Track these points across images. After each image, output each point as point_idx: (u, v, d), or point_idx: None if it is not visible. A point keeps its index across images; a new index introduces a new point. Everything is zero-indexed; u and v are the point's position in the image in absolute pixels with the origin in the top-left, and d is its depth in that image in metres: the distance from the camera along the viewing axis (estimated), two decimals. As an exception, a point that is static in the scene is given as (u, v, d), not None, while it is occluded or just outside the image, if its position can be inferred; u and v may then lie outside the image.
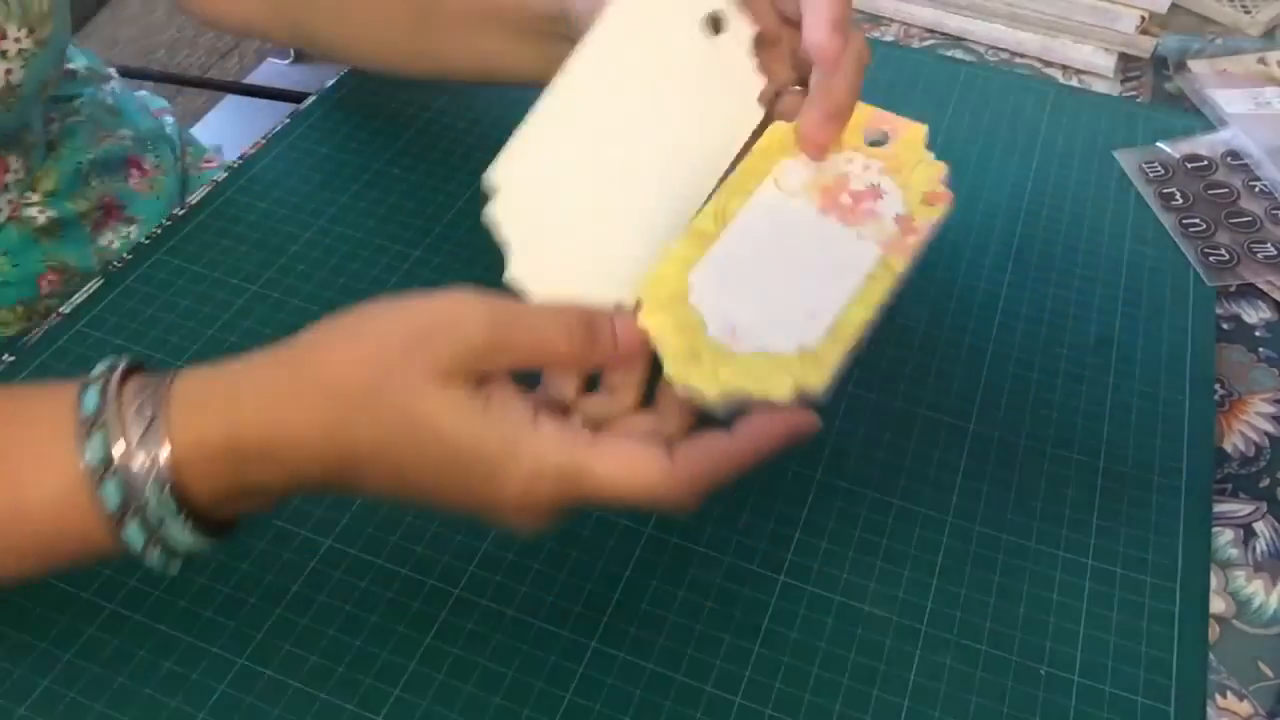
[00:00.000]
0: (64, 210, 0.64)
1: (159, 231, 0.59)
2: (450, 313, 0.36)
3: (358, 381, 0.35)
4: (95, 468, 0.35)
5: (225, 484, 0.36)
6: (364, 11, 0.58)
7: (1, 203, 0.59)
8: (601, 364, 0.38)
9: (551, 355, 0.36)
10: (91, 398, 0.36)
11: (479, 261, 0.58)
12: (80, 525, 0.36)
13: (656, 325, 0.37)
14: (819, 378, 0.37)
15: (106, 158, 0.67)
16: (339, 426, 0.35)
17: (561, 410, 0.38)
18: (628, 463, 0.35)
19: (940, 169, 0.42)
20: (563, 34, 0.50)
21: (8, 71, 0.53)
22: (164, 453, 0.35)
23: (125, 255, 0.57)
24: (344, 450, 0.36)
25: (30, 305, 0.62)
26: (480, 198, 0.40)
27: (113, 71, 0.74)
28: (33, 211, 0.62)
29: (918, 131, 0.43)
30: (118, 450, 0.35)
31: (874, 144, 0.42)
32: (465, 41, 0.56)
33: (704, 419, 0.38)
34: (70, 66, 0.69)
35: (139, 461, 0.35)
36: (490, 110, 0.68)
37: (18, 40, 0.53)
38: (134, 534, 0.35)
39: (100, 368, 0.37)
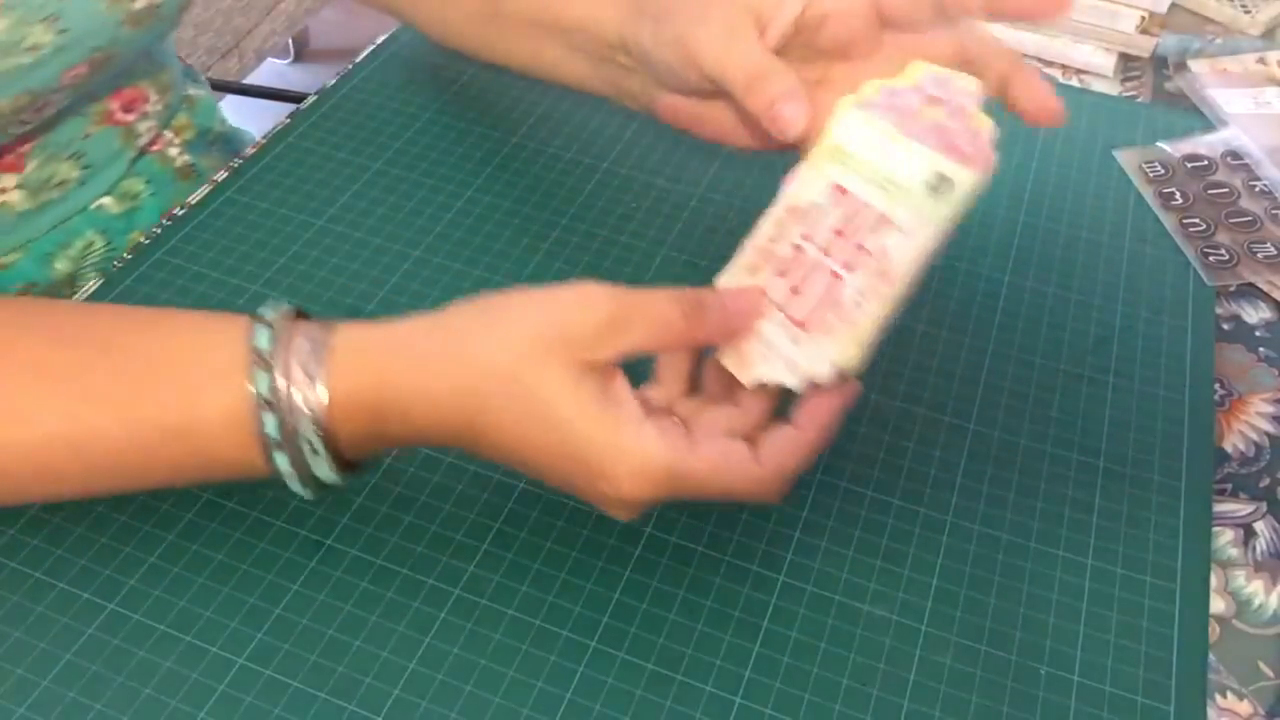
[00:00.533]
0: (198, 162, 0.69)
1: (159, 231, 0.59)
2: (579, 298, 0.40)
3: (498, 363, 0.39)
4: (261, 398, 0.40)
5: (365, 432, 0.41)
6: (434, 5, 0.62)
7: (141, 128, 0.64)
8: (712, 336, 0.41)
9: (668, 329, 0.40)
10: (263, 336, 0.40)
11: (479, 261, 0.58)
12: (239, 445, 0.40)
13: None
14: (854, 355, 0.40)
15: (227, 135, 0.73)
16: (475, 400, 0.39)
17: (663, 411, 0.42)
18: (723, 464, 0.39)
19: (987, 125, 0.43)
20: (620, 61, 0.53)
21: None
22: (321, 399, 0.40)
23: (125, 255, 0.57)
24: (475, 422, 0.40)
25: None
26: (478, 196, 0.40)
27: None
28: (172, 151, 0.67)
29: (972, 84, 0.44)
30: (281, 388, 0.40)
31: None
32: (529, 45, 0.58)
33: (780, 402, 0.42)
34: None
35: (298, 403, 0.40)
36: (491, 110, 0.68)
37: None
38: (283, 462, 0.40)
39: (269, 310, 0.41)
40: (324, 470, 0.41)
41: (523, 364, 0.39)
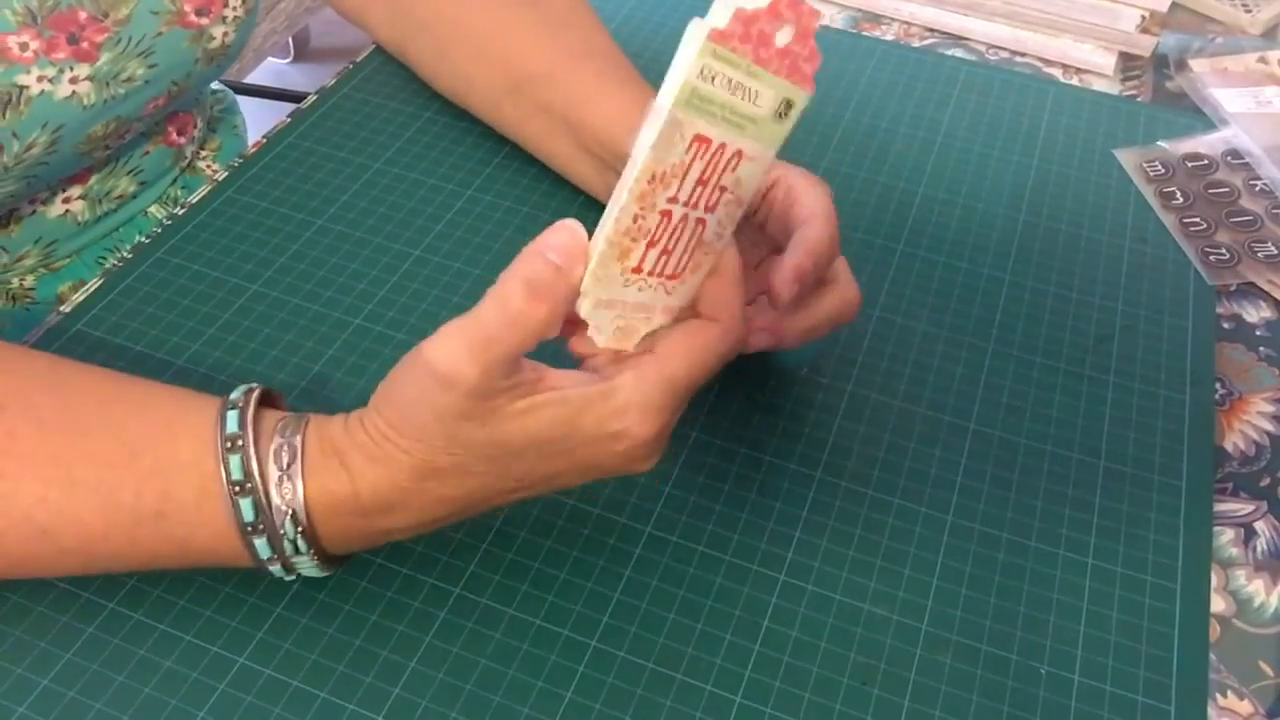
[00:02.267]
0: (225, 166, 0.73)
1: (159, 231, 0.59)
2: (429, 375, 0.37)
3: (438, 434, 0.38)
4: (235, 482, 0.39)
5: (357, 531, 0.40)
6: (459, 69, 0.64)
7: (187, 151, 0.70)
8: (561, 285, 0.38)
9: (509, 307, 0.37)
10: (232, 420, 0.40)
11: (479, 261, 0.58)
12: (214, 532, 0.39)
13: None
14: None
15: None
16: (447, 467, 0.38)
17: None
18: (693, 341, 0.40)
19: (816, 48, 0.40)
20: (618, 171, 0.52)
21: (225, 35, 0.62)
22: (299, 497, 0.39)
23: (125, 254, 0.57)
24: (462, 481, 0.39)
25: None
26: (477, 195, 0.40)
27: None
28: (201, 164, 0.73)
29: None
30: (255, 476, 0.39)
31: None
32: (539, 132, 0.60)
33: None
34: None
35: (275, 499, 0.39)
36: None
37: (234, 8, 0.62)
38: (263, 547, 0.40)
39: (237, 394, 0.41)
40: (308, 567, 0.41)
41: (452, 429, 0.38)
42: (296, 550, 0.40)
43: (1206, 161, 0.68)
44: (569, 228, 0.37)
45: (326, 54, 2.15)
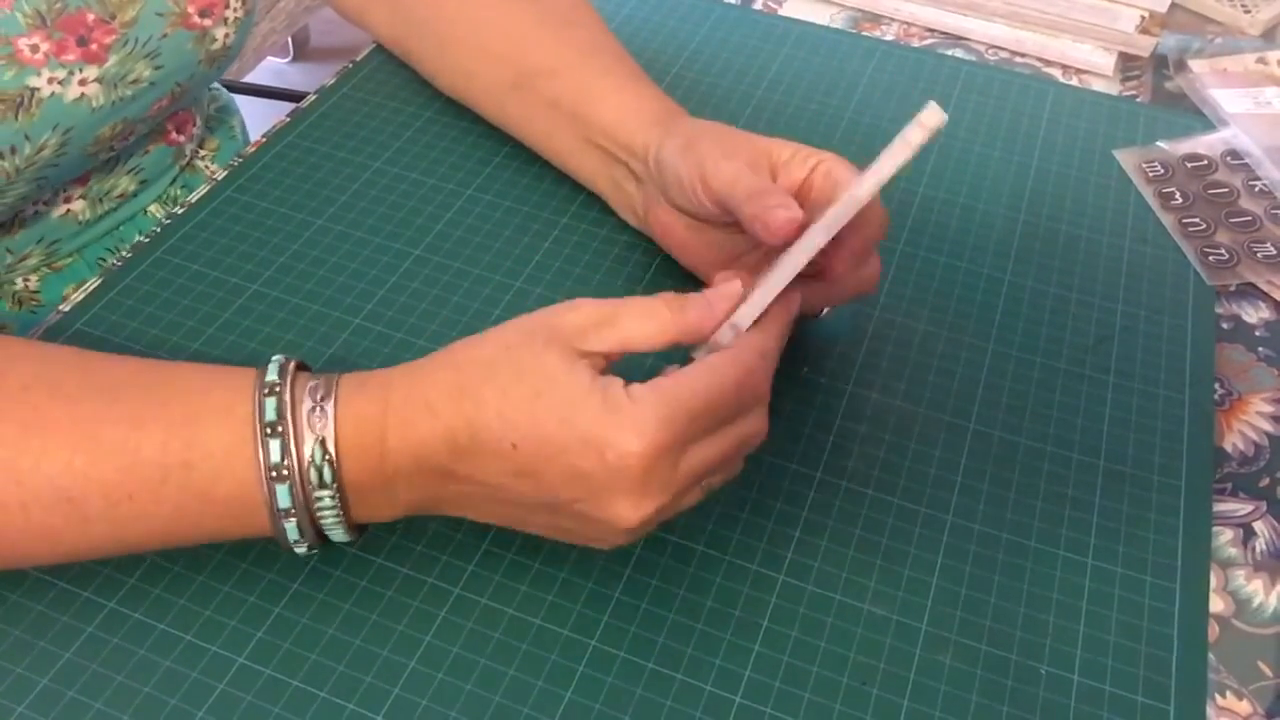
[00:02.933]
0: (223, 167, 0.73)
1: (158, 230, 0.59)
2: (566, 304, 0.41)
3: (486, 353, 0.41)
4: (266, 424, 0.40)
5: (372, 469, 0.40)
6: (461, 65, 0.64)
7: (186, 150, 0.71)
8: (700, 326, 0.42)
9: (653, 318, 0.41)
10: (273, 369, 0.41)
11: (479, 260, 0.58)
12: (240, 481, 0.40)
13: None
14: None
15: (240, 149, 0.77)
16: (468, 388, 0.40)
17: None
18: (711, 372, 0.40)
19: None
20: (631, 166, 0.56)
21: (226, 36, 0.63)
22: (330, 423, 0.40)
23: (125, 254, 0.57)
24: (470, 414, 0.39)
25: None
26: (477, 195, 0.40)
27: None
28: (200, 164, 0.73)
29: None
30: (288, 418, 0.40)
31: None
32: (544, 125, 0.61)
33: None
34: None
35: (306, 433, 0.40)
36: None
37: (234, 9, 0.62)
38: (283, 495, 0.40)
39: (273, 374, 0.41)
40: (328, 505, 0.40)
41: (517, 350, 0.40)
42: (321, 482, 0.40)
43: (1206, 162, 0.68)
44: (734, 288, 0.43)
45: (326, 53, 2.15)
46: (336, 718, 0.41)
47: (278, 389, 0.40)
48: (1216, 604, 0.46)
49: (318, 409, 0.40)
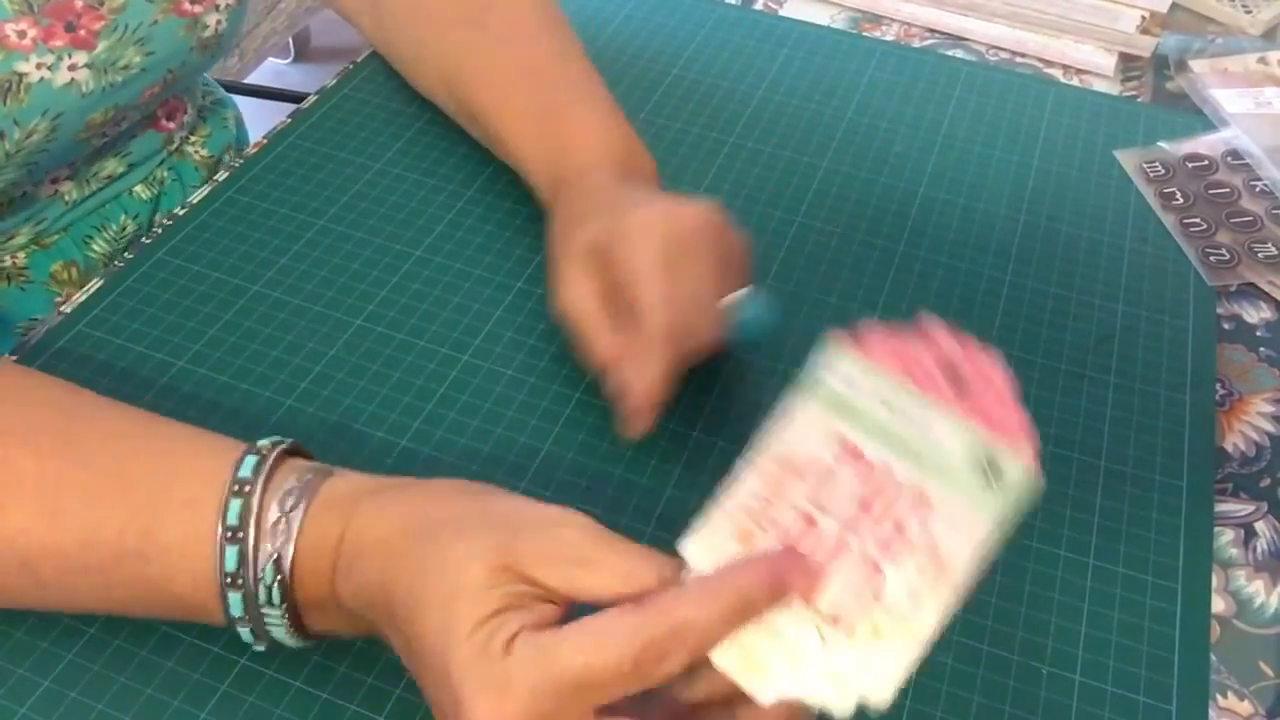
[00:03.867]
0: (213, 154, 0.74)
1: (159, 231, 0.59)
2: (558, 512, 0.36)
3: (441, 514, 0.37)
4: (228, 529, 0.38)
5: (324, 593, 0.38)
6: (427, 88, 0.67)
7: (176, 138, 0.71)
8: (706, 621, 0.33)
9: (630, 584, 0.34)
10: (249, 465, 0.39)
11: (480, 261, 0.58)
12: (192, 583, 0.38)
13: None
14: (908, 672, 0.33)
15: (234, 141, 0.78)
16: (401, 552, 0.36)
17: None
18: (601, 637, 0.32)
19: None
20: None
21: (218, 23, 0.63)
22: (291, 541, 0.37)
23: (125, 255, 0.57)
24: (390, 581, 0.35)
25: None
26: (478, 196, 0.40)
27: None
28: (191, 149, 0.73)
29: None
30: (251, 524, 0.38)
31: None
32: (488, 107, 0.60)
33: None
34: None
35: (266, 546, 0.38)
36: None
37: None
38: (236, 603, 0.38)
39: (265, 442, 0.40)
40: (275, 621, 0.38)
41: (464, 536, 0.35)
42: (270, 601, 0.38)
43: (1206, 162, 0.68)
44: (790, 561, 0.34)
45: (326, 54, 2.15)
46: (338, 719, 0.41)
47: (247, 490, 0.38)
48: (1218, 604, 0.46)
49: (283, 520, 0.38)
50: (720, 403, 0.52)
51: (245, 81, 1.69)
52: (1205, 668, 0.44)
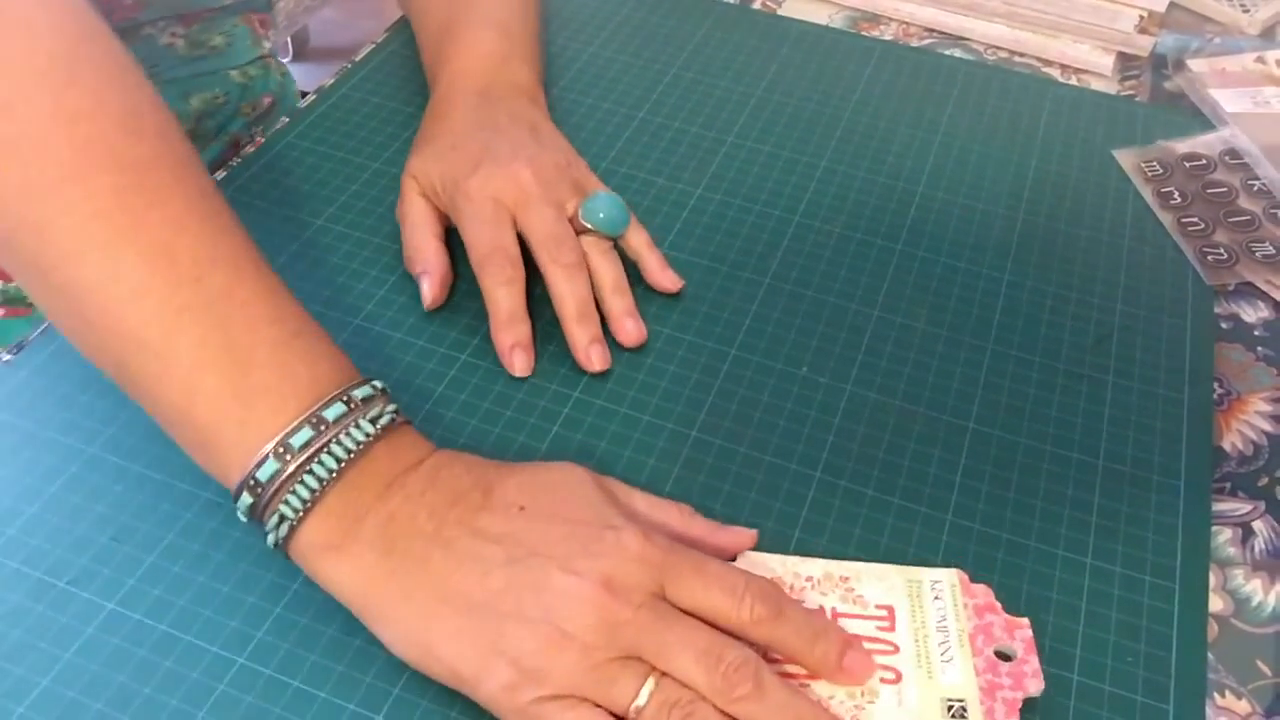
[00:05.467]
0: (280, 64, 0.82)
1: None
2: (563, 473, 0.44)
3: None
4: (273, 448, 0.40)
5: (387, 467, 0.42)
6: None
7: (264, 44, 0.77)
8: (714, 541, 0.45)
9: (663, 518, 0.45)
10: (334, 410, 0.41)
11: (478, 261, 0.58)
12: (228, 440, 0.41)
13: None
14: None
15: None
16: (497, 470, 0.43)
17: None
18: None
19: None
20: None
21: None
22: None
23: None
24: (498, 473, 0.43)
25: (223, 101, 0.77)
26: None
27: None
28: (274, 68, 0.79)
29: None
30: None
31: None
32: (414, 22, 0.70)
33: None
34: None
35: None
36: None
37: None
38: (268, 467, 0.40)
39: (360, 393, 0.43)
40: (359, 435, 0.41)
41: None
42: (372, 420, 0.41)
43: (1205, 161, 0.68)
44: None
45: (325, 54, 2.15)
46: (337, 719, 0.41)
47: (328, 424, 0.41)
48: (1215, 603, 0.46)
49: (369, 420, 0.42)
50: (719, 402, 0.52)
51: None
52: (1203, 667, 0.44)
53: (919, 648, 0.41)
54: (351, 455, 0.41)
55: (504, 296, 0.52)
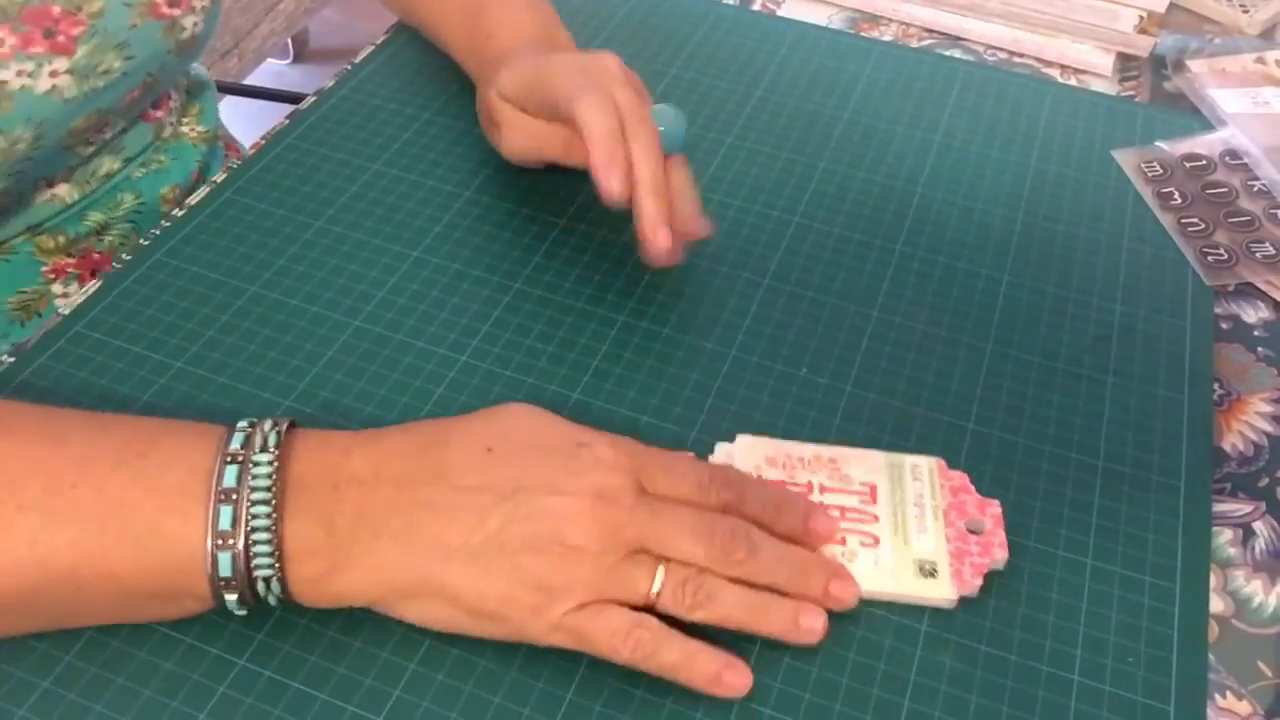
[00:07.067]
0: (210, 131, 0.74)
1: (157, 232, 0.59)
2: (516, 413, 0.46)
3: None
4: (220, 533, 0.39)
5: (321, 471, 0.41)
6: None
7: (165, 124, 0.70)
8: None
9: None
10: (230, 473, 0.40)
11: (479, 262, 0.58)
12: (189, 465, 0.40)
13: None
14: None
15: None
16: (438, 425, 0.44)
17: None
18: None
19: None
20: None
21: (195, 24, 0.63)
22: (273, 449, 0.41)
23: (125, 256, 0.57)
24: (441, 427, 0.44)
25: (185, 189, 0.71)
26: (476, 196, 0.40)
27: None
28: (185, 128, 0.72)
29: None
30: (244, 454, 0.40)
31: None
32: (428, 19, 0.69)
33: None
34: None
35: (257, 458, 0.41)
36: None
37: None
38: (230, 474, 0.40)
39: (237, 442, 0.41)
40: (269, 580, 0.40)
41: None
42: (263, 447, 0.40)
43: (1204, 162, 0.68)
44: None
45: (325, 55, 2.15)
46: (336, 719, 0.41)
47: (239, 458, 0.41)
48: (1216, 604, 0.46)
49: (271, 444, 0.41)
50: (719, 403, 0.52)
51: (244, 82, 1.68)
52: (1203, 668, 0.44)
53: (896, 519, 0.46)
54: (271, 491, 0.40)
55: (606, 119, 0.52)
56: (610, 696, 0.42)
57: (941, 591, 0.44)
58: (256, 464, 0.40)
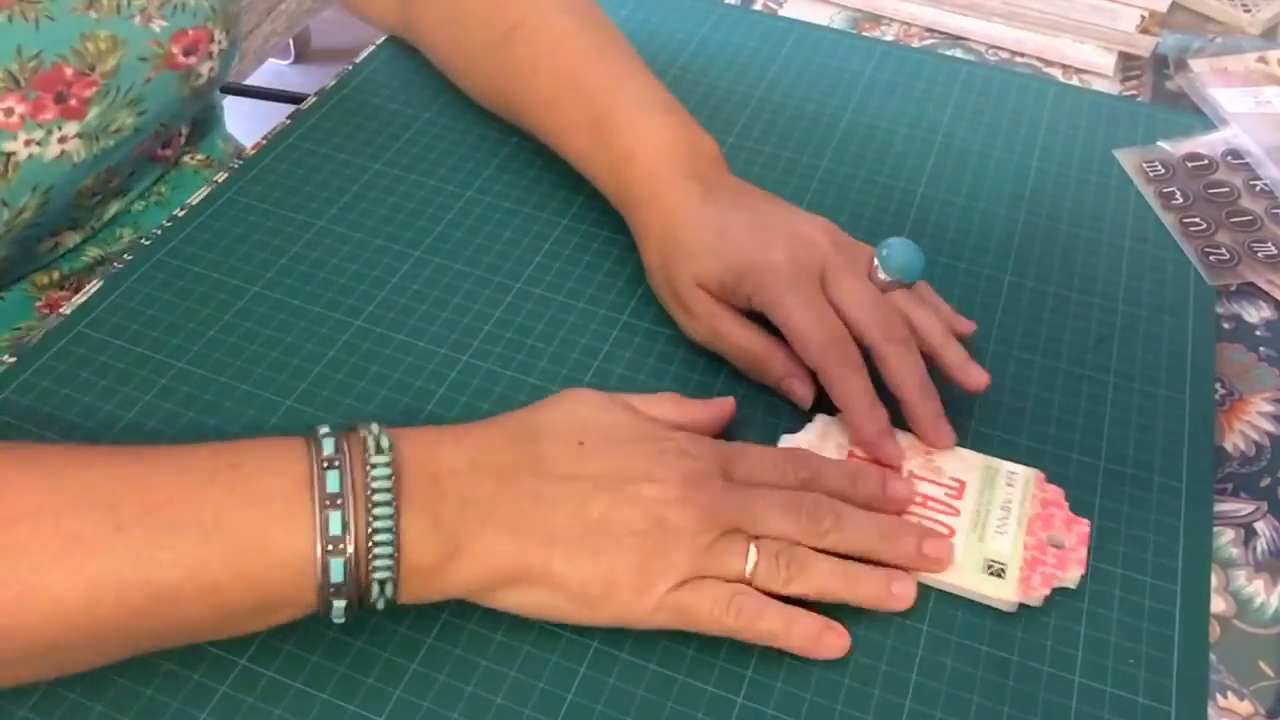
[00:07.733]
0: (211, 158, 0.72)
1: (159, 232, 0.59)
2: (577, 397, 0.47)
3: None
4: (330, 540, 0.38)
5: (423, 465, 0.41)
6: (461, 63, 0.67)
7: (167, 153, 0.68)
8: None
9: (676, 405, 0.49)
10: (332, 479, 0.39)
11: (480, 262, 0.58)
12: (285, 459, 0.40)
13: None
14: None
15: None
16: (519, 419, 0.45)
17: None
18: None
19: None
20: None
21: (210, 70, 0.61)
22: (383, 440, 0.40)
23: (125, 256, 0.57)
24: (524, 420, 0.45)
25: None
26: (477, 196, 0.40)
27: None
28: (186, 158, 0.71)
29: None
30: (352, 530, 0.39)
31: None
32: (542, 127, 0.62)
33: None
34: None
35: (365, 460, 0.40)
36: (490, 110, 0.68)
37: (219, 42, 0.61)
38: (332, 479, 0.39)
39: (329, 448, 0.40)
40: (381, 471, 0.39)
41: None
42: (379, 449, 0.40)
43: (1206, 161, 0.68)
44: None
45: (327, 55, 2.15)
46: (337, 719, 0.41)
47: (340, 505, 0.39)
48: (1217, 604, 0.46)
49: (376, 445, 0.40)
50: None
51: (245, 83, 1.69)
52: (1205, 668, 0.44)
53: (978, 517, 0.47)
54: (392, 491, 0.39)
55: (860, 385, 0.49)
56: (611, 697, 0.42)
57: (1003, 593, 0.44)
58: (374, 465, 0.39)
